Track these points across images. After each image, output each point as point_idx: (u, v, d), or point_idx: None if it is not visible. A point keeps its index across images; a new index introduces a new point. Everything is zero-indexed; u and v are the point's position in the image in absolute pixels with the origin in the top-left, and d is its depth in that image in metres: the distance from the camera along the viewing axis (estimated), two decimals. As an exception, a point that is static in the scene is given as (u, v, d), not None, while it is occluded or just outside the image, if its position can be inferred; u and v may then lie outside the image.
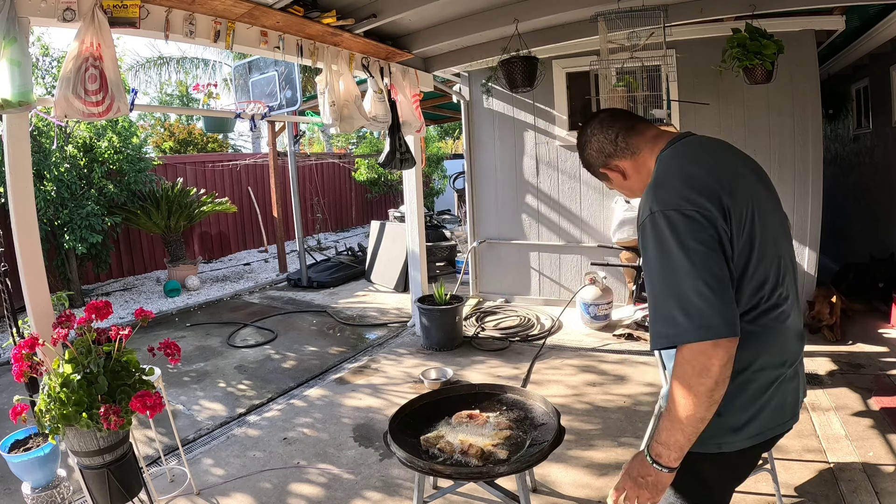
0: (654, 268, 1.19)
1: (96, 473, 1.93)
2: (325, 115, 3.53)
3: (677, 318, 1.13)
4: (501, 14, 3.81)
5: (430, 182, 12.70)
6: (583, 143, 1.50)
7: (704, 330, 1.11)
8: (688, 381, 1.13)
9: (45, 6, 2.22)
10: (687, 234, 1.14)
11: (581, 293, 4.93)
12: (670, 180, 1.24)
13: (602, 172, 1.48)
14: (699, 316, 1.11)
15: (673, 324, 1.14)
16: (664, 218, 1.17)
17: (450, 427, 2.22)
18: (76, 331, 1.95)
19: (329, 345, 5.15)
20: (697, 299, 1.12)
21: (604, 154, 1.45)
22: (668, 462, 1.19)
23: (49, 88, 6.36)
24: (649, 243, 1.20)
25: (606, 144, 1.43)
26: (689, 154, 1.31)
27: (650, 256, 1.20)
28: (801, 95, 4.49)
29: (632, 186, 1.46)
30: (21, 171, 2.29)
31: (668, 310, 1.15)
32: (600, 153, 1.45)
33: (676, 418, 1.16)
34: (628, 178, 1.44)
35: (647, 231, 1.20)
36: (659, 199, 1.20)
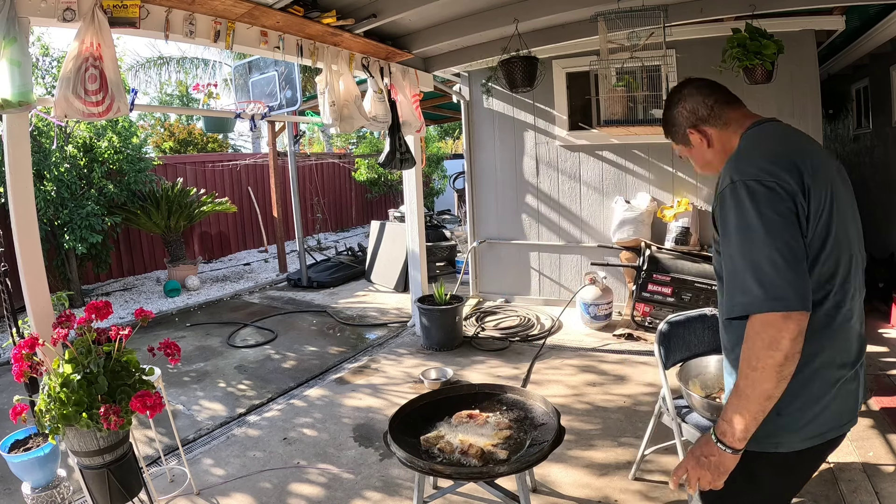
0: (732, 236, 1.18)
1: (96, 473, 1.93)
2: (325, 115, 3.53)
3: (751, 287, 1.13)
4: (501, 14, 3.81)
5: (430, 182, 12.70)
6: (675, 101, 1.46)
7: (776, 301, 1.10)
8: (757, 354, 1.12)
9: (45, 6, 2.22)
10: (766, 204, 1.15)
11: (581, 293, 4.93)
12: (753, 153, 1.26)
13: (687, 134, 1.44)
14: (772, 286, 1.11)
15: (747, 293, 1.14)
16: (744, 187, 1.17)
17: (450, 427, 2.22)
18: (76, 331, 1.95)
19: (329, 345, 5.15)
20: (771, 269, 1.11)
21: (696, 116, 1.42)
22: (732, 442, 1.17)
23: (49, 88, 6.36)
24: (729, 212, 1.19)
25: (702, 108, 1.40)
26: (775, 135, 1.32)
27: (729, 225, 1.19)
28: (801, 95, 4.50)
29: (708, 158, 1.45)
30: (21, 171, 2.29)
31: (744, 278, 1.15)
32: (692, 114, 1.42)
33: (743, 394, 1.15)
34: (711, 147, 1.42)
35: (727, 200, 1.20)
36: (740, 169, 1.21)
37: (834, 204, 1.21)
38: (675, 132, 1.49)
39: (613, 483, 2.66)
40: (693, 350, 2.43)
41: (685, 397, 2.29)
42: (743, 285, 1.15)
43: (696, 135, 1.42)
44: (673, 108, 1.47)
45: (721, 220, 1.23)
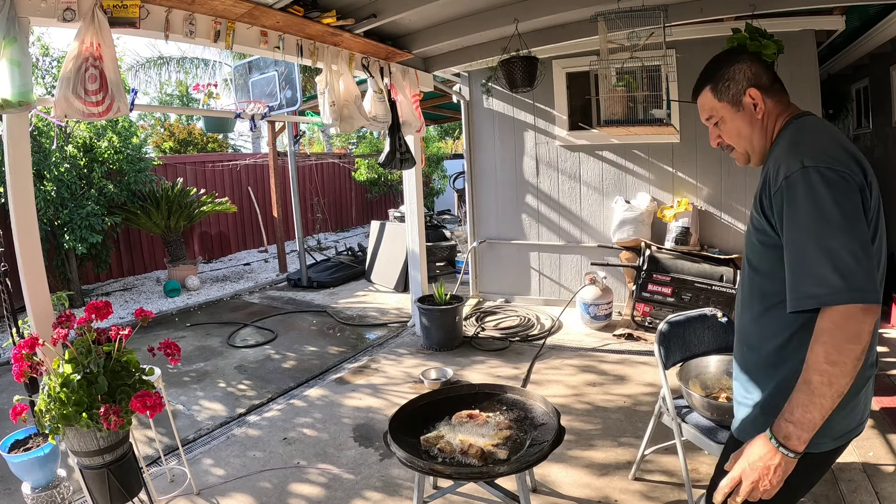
0: (804, 223, 1.11)
1: (96, 473, 1.93)
2: (325, 115, 3.53)
3: (829, 277, 1.06)
4: (501, 14, 3.81)
5: (430, 182, 12.70)
6: (734, 59, 1.35)
7: (858, 292, 1.05)
8: (839, 347, 1.06)
9: (45, 6, 2.22)
10: (842, 193, 1.10)
11: (581, 293, 4.93)
12: (821, 140, 1.20)
13: (742, 93, 1.33)
14: (853, 277, 1.05)
15: (825, 283, 1.07)
16: (819, 174, 1.11)
17: (450, 427, 2.22)
18: (76, 331, 1.95)
19: (329, 345, 5.15)
20: (851, 259, 1.06)
21: (757, 80, 1.33)
22: (796, 445, 1.10)
23: (49, 88, 6.36)
24: (800, 197, 1.12)
25: (765, 76, 1.33)
26: (828, 127, 1.27)
27: (800, 211, 1.12)
28: (801, 95, 4.49)
29: (746, 132, 1.35)
30: (21, 171, 2.29)
31: (819, 268, 1.08)
32: (755, 77, 1.33)
33: (818, 392, 1.07)
34: (758, 120, 1.32)
35: (798, 185, 1.13)
36: (811, 154, 1.15)
37: (880, 205, 1.20)
38: (725, 88, 1.35)
39: (613, 483, 2.66)
40: (693, 350, 2.43)
41: (685, 397, 2.30)
42: (818, 275, 1.08)
43: (752, 99, 1.32)
44: (731, 64, 1.35)
45: (790, 205, 1.14)
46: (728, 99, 1.35)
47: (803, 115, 1.30)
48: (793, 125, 1.28)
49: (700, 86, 1.41)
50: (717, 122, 1.39)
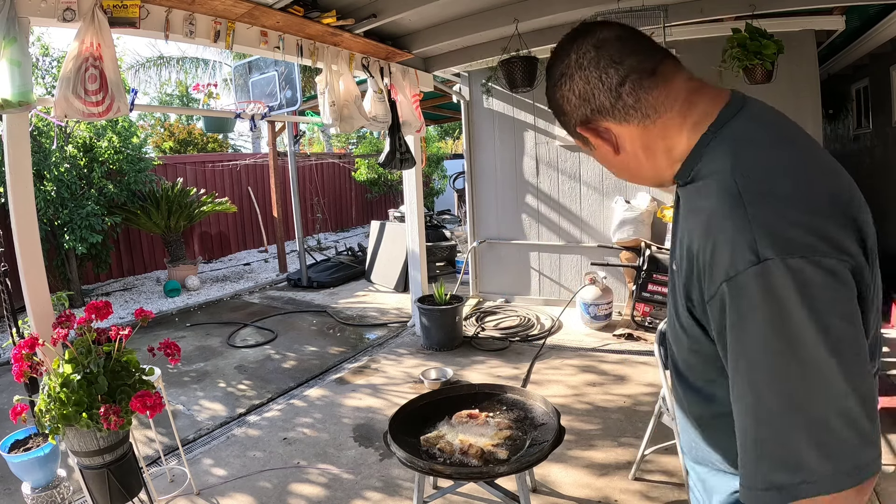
0: (762, 366, 0.68)
1: (96, 473, 1.93)
2: (325, 115, 3.53)
3: (806, 458, 0.66)
4: (501, 14, 3.81)
5: (430, 182, 12.70)
6: (558, 76, 0.87)
7: (851, 475, 0.65)
8: None
9: (45, 6, 2.22)
10: (830, 307, 0.66)
11: (581, 293, 4.93)
12: (784, 190, 0.71)
13: (579, 133, 0.89)
14: (845, 454, 0.65)
15: (796, 467, 0.66)
16: (790, 274, 0.66)
17: (450, 427, 2.22)
18: (76, 331, 1.95)
19: (329, 345, 5.15)
20: (844, 427, 0.65)
21: (588, 105, 0.84)
22: None
23: (49, 88, 6.36)
24: (756, 319, 0.68)
25: (598, 92, 0.83)
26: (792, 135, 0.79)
27: (756, 343, 0.68)
28: (801, 95, 4.50)
29: (631, 167, 0.89)
30: (21, 171, 2.29)
31: (789, 441, 0.66)
32: (584, 102, 0.84)
33: None
34: (623, 155, 0.87)
35: (750, 296, 0.68)
36: (772, 227, 0.68)
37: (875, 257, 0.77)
38: (564, 124, 0.91)
39: (613, 483, 2.66)
40: (693, 350, 2.42)
41: (685, 397, 2.29)
42: (787, 454, 0.67)
43: (592, 136, 0.87)
44: (556, 89, 0.88)
45: (738, 328, 0.70)
46: (575, 135, 0.91)
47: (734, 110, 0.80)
48: (722, 143, 0.78)
49: None
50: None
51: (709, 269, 0.73)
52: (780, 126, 0.80)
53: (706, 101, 0.82)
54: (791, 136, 0.79)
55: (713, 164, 0.78)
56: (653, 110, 0.82)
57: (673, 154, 0.83)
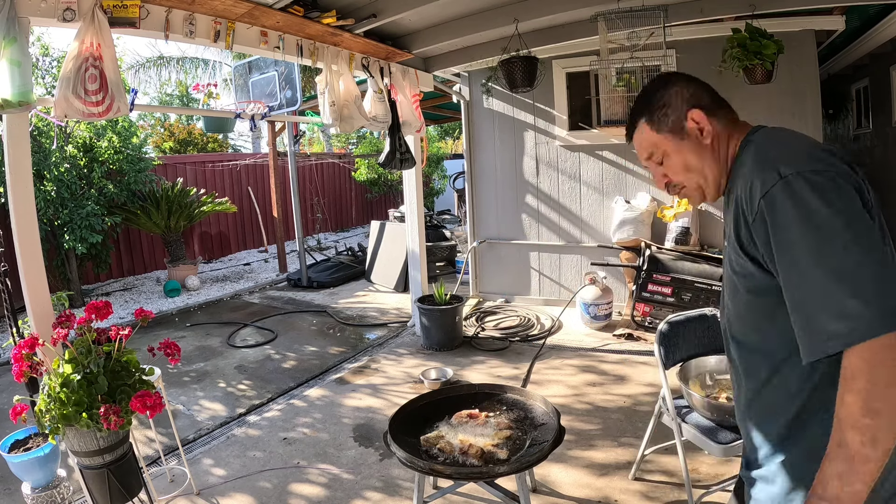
0: (800, 246, 0.89)
1: (96, 473, 1.93)
2: (325, 115, 3.53)
3: (850, 305, 0.84)
4: (501, 14, 3.81)
5: (430, 182, 12.70)
6: (666, 84, 1.17)
7: (892, 316, 0.82)
8: (881, 392, 0.82)
9: (45, 6, 2.22)
10: (840, 196, 0.89)
11: (581, 293, 4.93)
12: (795, 144, 1.02)
13: (682, 118, 1.13)
14: (879, 298, 0.83)
15: (845, 315, 0.84)
16: (804, 181, 0.91)
17: (450, 427, 2.22)
18: (76, 331, 1.95)
19: (329, 345, 5.15)
20: (871, 276, 0.84)
21: (698, 100, 1.14)
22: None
23: (49, 88, 6.36)
24: (787, 215, 0.91)
25: (704, 96, 1.14)
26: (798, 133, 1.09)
27: (792, 233, 0.90)
28: (801, 95, 4.50)
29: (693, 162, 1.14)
30: (21, 171, 2.29)
31: (834, 297, 0.85)
32: (694, 98, 1.14)
33: (860, 454, 0.83)
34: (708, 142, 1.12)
35: (780, 202, 0.92)
36: (787, 160, 0.95)
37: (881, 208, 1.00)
38: (664, 117, 1.15)
39: (613, 483, 2.66)
40: (693, 350, 2.43)
41: (685, 397, 2.30)
42: (835, 307, 0.85)
43: (696, 122, 1.13)
44: (664, 89, 1.17)
45: (777, 229, 0.93)
46: (668, 128, 1.15)
47: (758, 128, 1.13)
48: (752, 142, 1.09)
49: (634, 122, 1.21)
50: (661, 159, 1.18)
51: (749, 199, 0.98)
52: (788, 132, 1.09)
53: (742, 126, 1.15)
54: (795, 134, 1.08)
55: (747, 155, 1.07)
56: (724, 119, 1.15)
57: (730, 155, 1.13)
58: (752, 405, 1.11)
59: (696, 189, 1.17)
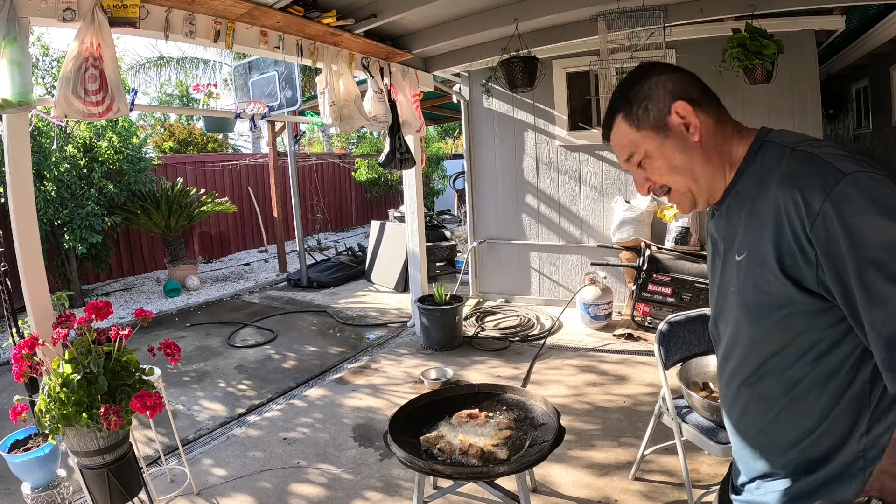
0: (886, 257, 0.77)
1: (96, 473, 1.93)
2: (325, 115, 3.53)
3: None
4: (501, 14, 3.81)
5: (430, 182, 12.70)
6: (647, 74, 1.03)
7: None
8: None
9: (45, 6, 2.22)
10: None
11: (581, 293, 4.93)
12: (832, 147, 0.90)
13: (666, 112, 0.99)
14: None
15: None
16: (870, 177, 0.82)
17: (450, 427, 2.22)
18: (76, 331, 1.95)
19: (329, 345, 5.15)
20: None
21: (682, 91, 1.00)
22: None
23: (49, 88, 6.36)
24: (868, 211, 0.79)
25: (691, 87, 1.01)
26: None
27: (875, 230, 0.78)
28: (801, 95, 4.50)
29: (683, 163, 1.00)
30: (21, 171, 2.29)
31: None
32: (679, 88, 1.00)
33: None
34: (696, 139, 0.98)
35: (855, 198, 0.80)
36: (843, 161, 0.85)
37: None
38: (644, 111, 1.01)
39: (614, 483, 2.66)
40: (693, 350, 2.43)
41: (685, 397, 2.29)
42: None
43: (681, 116, 0.98)
44: (647, 78, 1.02)
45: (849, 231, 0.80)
46: (650, 124, 1.01)
47: (768, 130, 1.01)
48: (771, 143, 0.96)
49: (611, 118, 1.06)
50: (640, 160, 1.04)
51: (803, 205, 0.84)
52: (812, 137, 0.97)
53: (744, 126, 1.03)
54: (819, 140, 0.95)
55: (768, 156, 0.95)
56: (723, 114, 1.02)
57: (734, 157, 1.00)
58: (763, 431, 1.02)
59: (685, 193, 1.04)
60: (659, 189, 1.05)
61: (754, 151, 0.97)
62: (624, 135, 1.04)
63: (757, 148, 0.97)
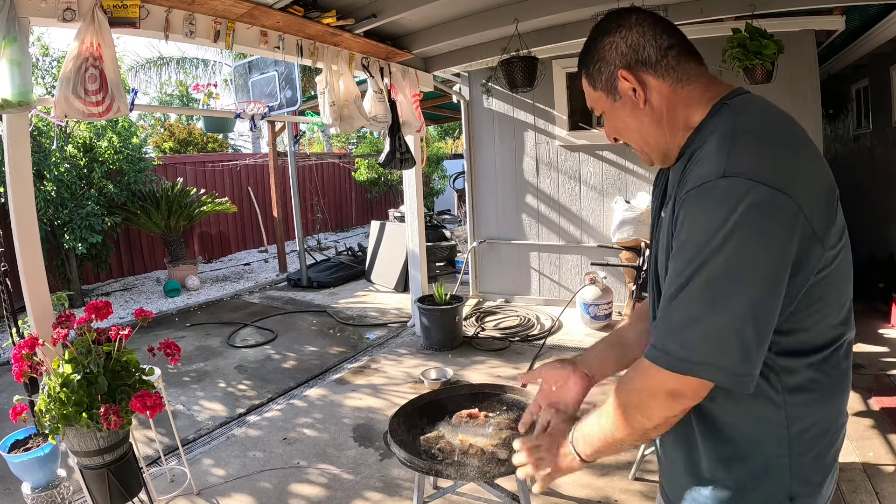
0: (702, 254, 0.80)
1: (96, 473, 1.93)
2: (325, 115, 3.53)
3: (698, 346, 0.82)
4: (501, 14, 3.80)
5: (430, 182, 12.70)
6: (605, 32, 0.99)
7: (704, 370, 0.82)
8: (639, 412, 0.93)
9: (45, 6, 2.22)
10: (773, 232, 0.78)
11: (581, 293, 4.93)
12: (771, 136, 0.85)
13: (613, 80, 0.97)
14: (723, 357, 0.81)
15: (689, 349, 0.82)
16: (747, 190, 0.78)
17: (450, 427, 2.22)
18: (76, 331, 1.95)
19: (329, 345, 5.15)
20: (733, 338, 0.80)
21: (636, 55, 0.95)
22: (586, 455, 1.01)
23: (49, 88, 6.36)
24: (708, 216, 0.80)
25: (649, 46, 0.95)
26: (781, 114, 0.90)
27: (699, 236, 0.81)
28: (801, 95, 4.50)
29: (635, 126, 0.99)
30: (21, 171, 2.29)
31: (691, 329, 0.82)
32: (631, 51, 0.95)
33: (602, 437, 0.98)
34: (648, 110, 0.96)
35: (709, 199, 0.80)
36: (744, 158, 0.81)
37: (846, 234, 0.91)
38: (597, 73, 1.00)
39: (614, 483, 2.66)
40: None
41: (685, 397, 2.29)
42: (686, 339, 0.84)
43: (628, 82, 0.95)
44: (604, 37, 0.98)
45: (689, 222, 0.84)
46: (602, 86, 1.01)
47: (738, 92, 0.94)
48: (724, 110, 0.90)
49: (578, 72, 1.09)
50: (600, 114, 1.05)
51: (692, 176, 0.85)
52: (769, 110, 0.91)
53: (722, 85, 0.96)
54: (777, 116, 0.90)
55: (715, 125, 0.89)
56: (686, 76, 0.95)
57: (689, 122, 0.95)
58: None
59: (640, 151, 1.04)
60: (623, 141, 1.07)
61: (712, 115, 0.93)
62: (587, 90, 1.06)
63: (717, 110, 0.92)
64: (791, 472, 0.90)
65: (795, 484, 0.90)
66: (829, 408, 0.92)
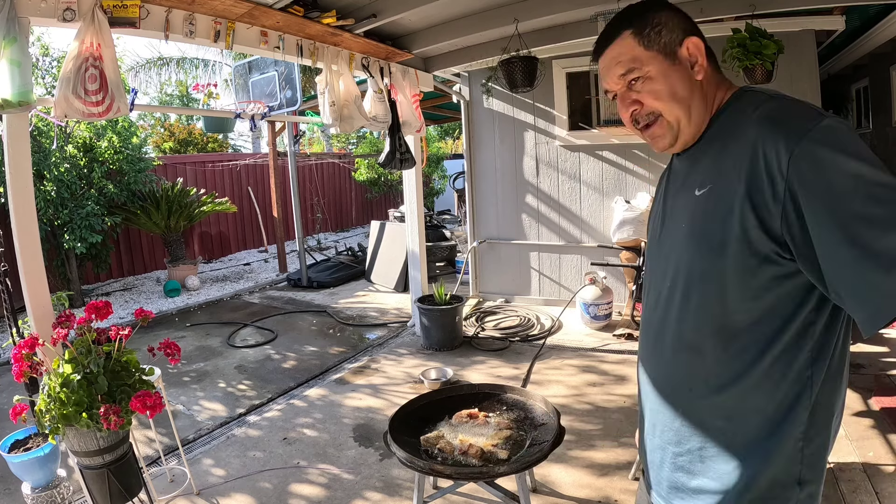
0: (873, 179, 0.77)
1: (96, 473, 1.93)
2: (325, 115, 3.53)
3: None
4: (501, 14, 3.80)
5: (430, 182, 12.70)
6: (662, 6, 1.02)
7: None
8: None
9: (45, 6, 2.22)
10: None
11: (581, 293, 4.93)
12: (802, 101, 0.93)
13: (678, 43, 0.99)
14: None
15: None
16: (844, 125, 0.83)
17: (450, 427, 2.22)
18: (76, 331, 1.95)
19: (329, 345, 5.15)
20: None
21: (695, 31, 1.01)
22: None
23: (49, 88, 6.36)
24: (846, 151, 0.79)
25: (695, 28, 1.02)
26: None
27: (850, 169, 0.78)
28: (801, 95, 4.45)
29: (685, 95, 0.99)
30: (21, 171, 2.29)
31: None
32: (691, 27, 1.01)
33: None
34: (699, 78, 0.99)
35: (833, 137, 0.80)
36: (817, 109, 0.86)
37: None
38: (656, 34, 0.99)
39: (614, 483, 2.66)
40: (693, 350, 2.42)
41: (685, 397, 2.29)
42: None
43: (690, 52, 0.99)
44: (659, 10, 1.01)
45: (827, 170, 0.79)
46: (659, 48, 0.98)
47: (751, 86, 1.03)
48: (749, 92, 0.98)
49: (613, 31, 1.02)
50: (638, 77, 0.99)
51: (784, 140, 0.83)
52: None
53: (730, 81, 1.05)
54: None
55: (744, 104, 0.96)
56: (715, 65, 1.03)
57: (716, 104, 1.01)
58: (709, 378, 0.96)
59: (672, 124, 1.00)
60: (644, 115, 1.01)
61: (735, 99, 0.99)
62: (629, 49, 1.00)
63: (739, 96, 0.99)
64: (803, 456, 0.90)
65: (805, 469, 0.90)
66: (840, 392, 0.93)
